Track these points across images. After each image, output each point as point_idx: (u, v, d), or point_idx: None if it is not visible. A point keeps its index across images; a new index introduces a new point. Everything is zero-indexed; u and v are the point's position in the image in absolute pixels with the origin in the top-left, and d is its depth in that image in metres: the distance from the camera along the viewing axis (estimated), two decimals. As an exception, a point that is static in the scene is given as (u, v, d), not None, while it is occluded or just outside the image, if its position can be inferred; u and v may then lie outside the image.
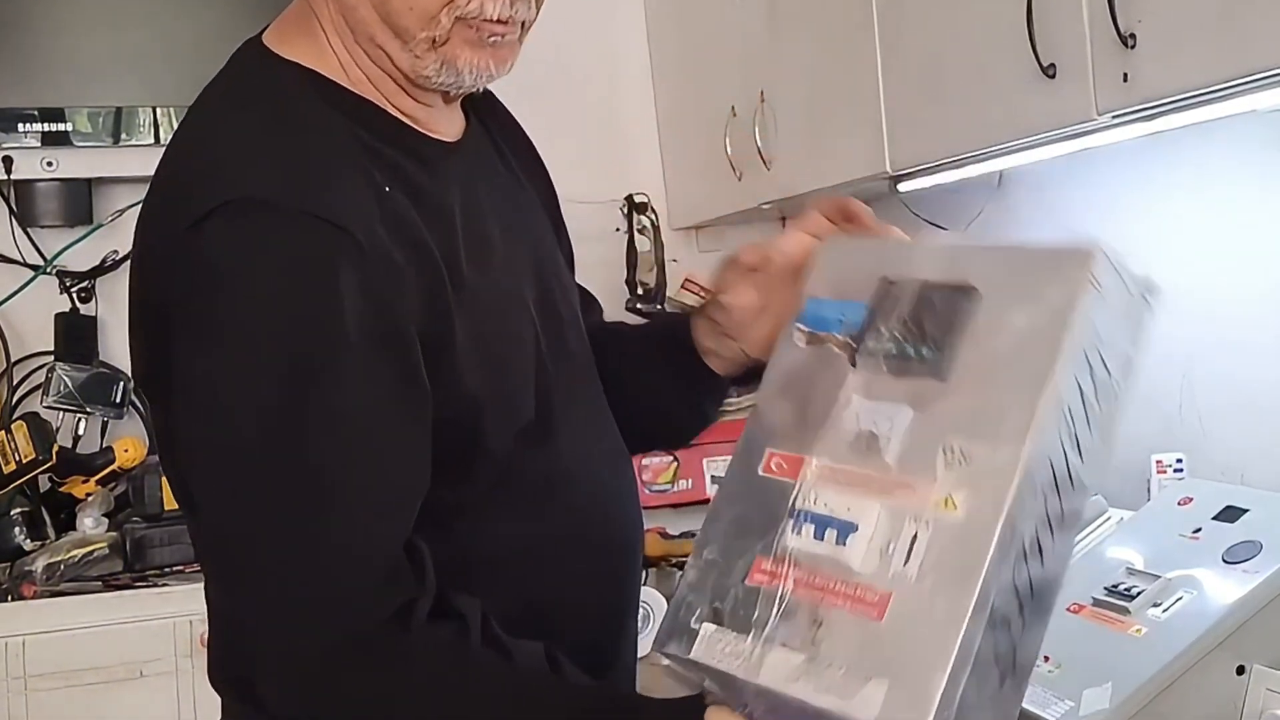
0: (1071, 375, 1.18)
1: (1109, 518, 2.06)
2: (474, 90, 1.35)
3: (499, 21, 1.28)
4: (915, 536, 1.15)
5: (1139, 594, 1.67)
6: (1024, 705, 1.63)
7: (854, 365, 1.27)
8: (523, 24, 1.32)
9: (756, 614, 1.19)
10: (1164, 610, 1.63)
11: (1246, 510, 1.75)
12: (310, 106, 1.29)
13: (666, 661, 1.23)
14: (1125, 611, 1.66)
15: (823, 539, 1.19)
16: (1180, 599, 1.63)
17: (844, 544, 1.18)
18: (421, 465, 1.24)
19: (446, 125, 1.39)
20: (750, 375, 1.45)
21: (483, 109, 1.48)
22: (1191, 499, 1.86)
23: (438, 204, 1.31)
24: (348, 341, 1.18)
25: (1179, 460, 2.23)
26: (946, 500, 1.15)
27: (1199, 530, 1.76)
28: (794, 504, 1.22)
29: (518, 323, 1.36)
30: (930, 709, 1.09)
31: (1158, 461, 2.23)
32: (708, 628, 1.21)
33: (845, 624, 1.15)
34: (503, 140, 1.51)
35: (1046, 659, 1.67)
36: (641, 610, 2.48)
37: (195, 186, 1.22)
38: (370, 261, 1.20)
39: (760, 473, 1.26)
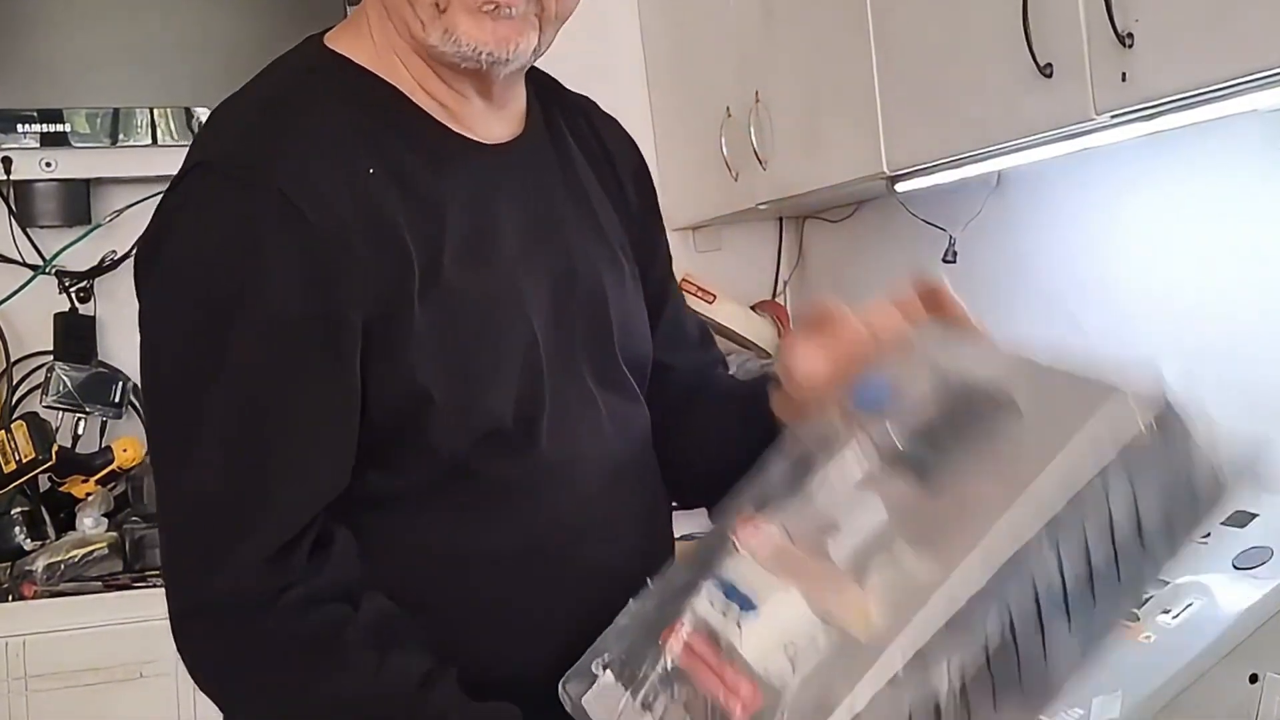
0: (1073, 512, 1.03)
1: (1113, 520, 2.05)
2: (478, 67, 1.28)
3: None
4: (816, 640, 1.05)
5: (1148, 600, 1.66)
6: (1033, 711, 1.65)
7: (858, 446, 1.18)
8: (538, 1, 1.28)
9: (643, 673, 1.13)
10: (1174, 617, 1.62)
11: (1256, 515, 1.74)
12: (312, 90, 1.30)
13: (567, 701, 1.19)
14: (1134, 618, 1.65)
15: (724, 612, 1.11)
16: (1190, 605, 1.62)
17: (739, 624, 1.10)
18: (331, 450, 1.24)
19: (486, 124, 1.36)
20: None
21: (571, 120, 1.48)
22: (1198, 503, 1.85)
23: (431, 198, 1.28)
24: (268, 307, 1.20)
25: (1183, 462, 2.22)
26: (864, 614, 1.04)
27: (1208, 535, 1.75)
28: (722, 567, 1.15)
29: (505, 328, 1.32)
30: None
31: (1162, 463, 2.23)
32: (606, 677, 1.17)
33: (707, 711, 1.07)
34: (591, 154, 1.48)
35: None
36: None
37: (189, 151, 1.28)
38: (315, 238, 1.20)
39: (729, 533, 1.19)
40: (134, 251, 1.35)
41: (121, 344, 3.22)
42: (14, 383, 3.23)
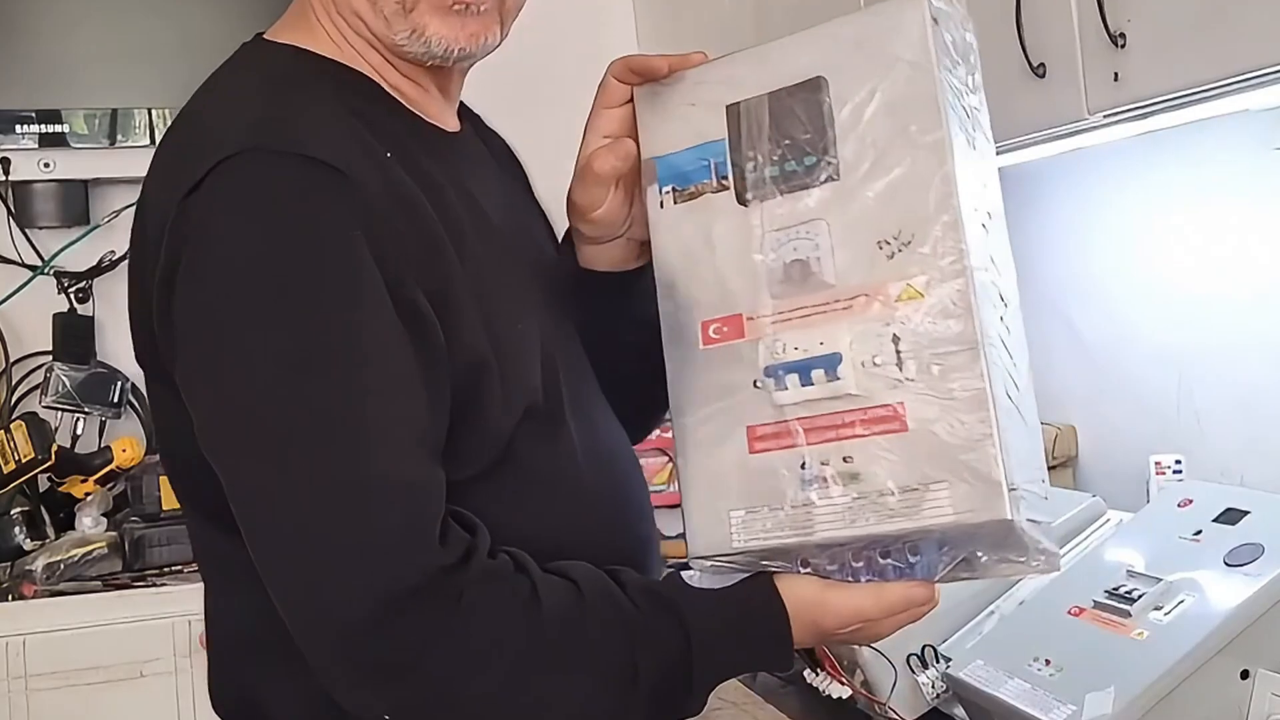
0: (951, 110, 1.17)
1: (1108, 520, 2.05)
2: (445, 64, 1.31)
3: None
4: (896, 338, 1.13)
5: (1140, 597, 1.66)
6: (1026, 709, 1.66)
7: (744, 202, 1.23)
8: None
9: (780, 482, 1.17)
10: (1166, 614, 1.62)
11: (1248, 512, 1.74)
12: (300, 76, 1.28)
13: (709, 565, 1.21)
14: (1126, 615, 1.65)
15: (812, 382, 1.16)
16: (1182, 602, 1.62)
17: (837, 377, 1.15)
18: (442, 414, 1.17)
19: (440, 113, 1.37)
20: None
21: (472, 118, 1.48)
22: (1191, 501, 1.85)
23: (436, 181, 1.26)
24: (357, 282, 1.13)
25: (1178, 462, 2.22)
26: (907, 290, 1.14)
27: (1199, 533, 1.75)
28: (762, 362, 1.20)
29: (523, 300, 1.31)
30: (1001, 484, 1.09)
31: (1156, 463, 2.23)
32: (736, 515, 1.19)
33: (875, 449, 1.13)
34: (499, 150, 1.52)
35: (1048, 662, 1.68)
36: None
37: (188, 157, 1.17)
38: (371, 205, 1.15)
39: (702, 346, 1.23)
40: (151, 270, 1.19)
41: (120, 344, 3.21)
42: (13, 383, 3.23)
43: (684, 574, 1.23)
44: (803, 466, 1.16)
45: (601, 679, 1.15)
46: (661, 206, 1.28)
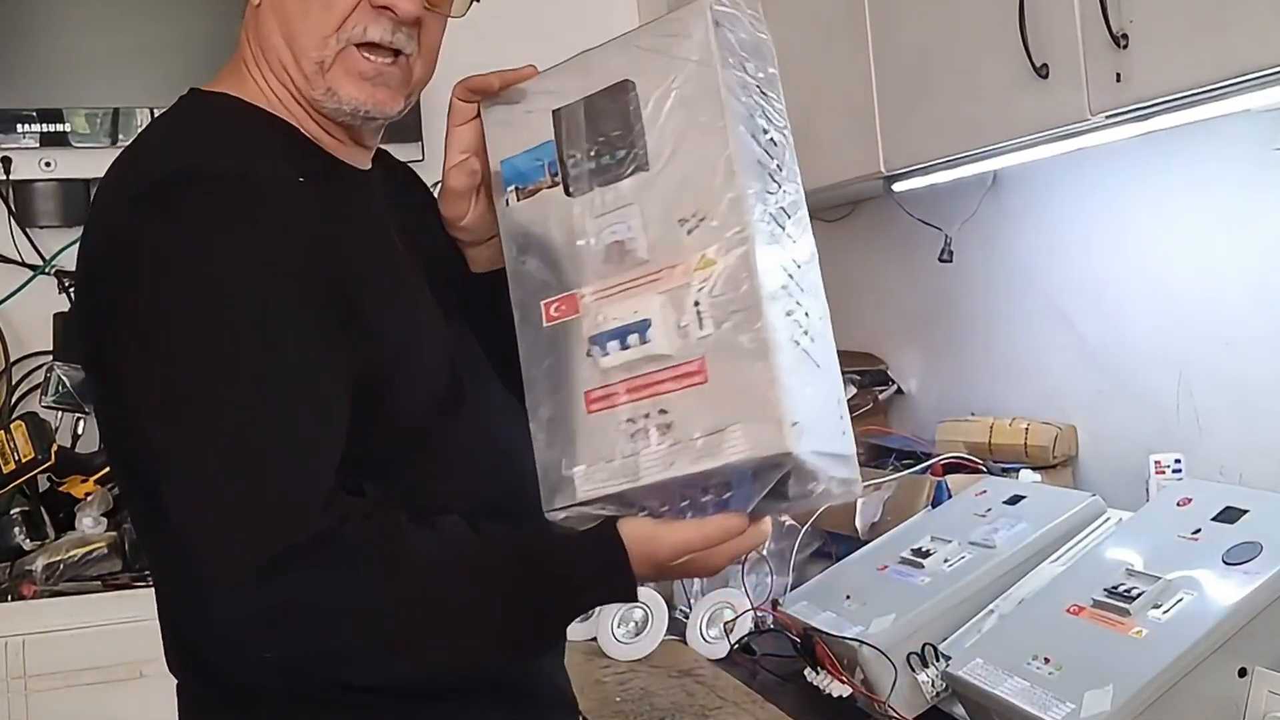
0: (736, 100, 1.33)
1: (1108, 518, 2.06)
2: (354, 123, 1.50)
3: (380, 46, 1.44)
4: (696, 302, 1.30)
5: (1139, 595, 1.66)
6: (1025, 707, 1.67)
7: (570, 194, 1.41)
8: (407, 62, 1.48)
9: (609, 436, 1.34)
10: (1164, 612, 1.62)
11: (1246, 511, 1.74)
12: (229, 114, 1.47)
13: (562, 516, 1.36)
14: (1125, 613, 1.65)
15: (629, 346, 1.34)
16: (1181, 600, 1.62)
17: (649, 339, 1.32)
18: (340, 400, 1.34)
19: (354, 156, 1.55)
20: None
21: (387, 162, 1.68)
22: (1190, 500, 1.85)
23: (345, 208, 1.46)
24: (271, 285, 1.31)
25: (1177, 461, 2.22)
26: (703, 260, 1.30)
27: (1198, 531, 1.75)
28: (588, 333, 1.36)
29: (425, 304, 1.50)
30: (782, 422, 1.24)
31: (1156, 462, 2.23)
32: (578, 470, 1.35)
33: (684, 400, 1.29)
34: (403, 181, 1.71)
35: (1047, 660, 1.68)
36: (640, 610, 2.51)
37: (127, 179, 1.38)
38: (286, 223, 1.34)
39: (545, 324, 1.40)
40: (94, 282, 1.40)
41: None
42: (14, 383, 3.24)
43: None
44: (628, 421, 1.33)
45: (463, 621, 1.32)
46: (508, 205, 1.47)
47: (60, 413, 3.10)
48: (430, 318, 1.50)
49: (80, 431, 3.16)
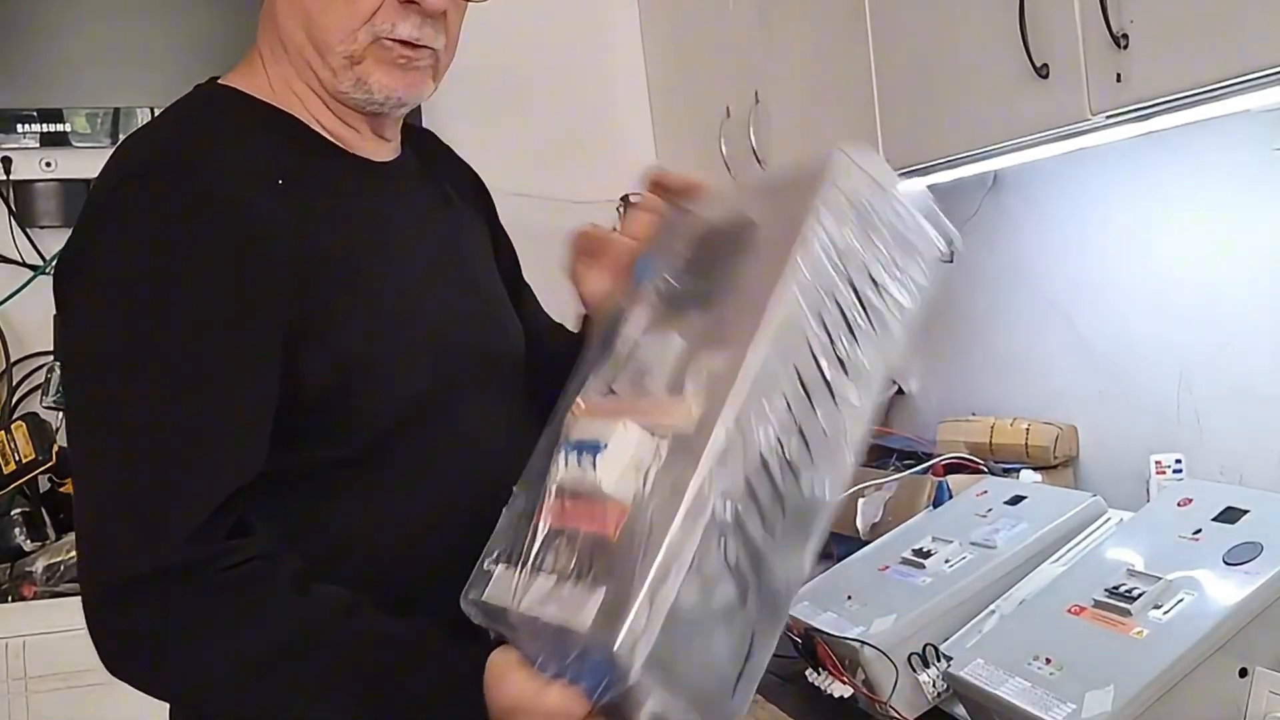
0: (812, 283, 1.20)
1: (1109, 519, 2.06)
2: (382, 111, 1.49)
3: (410, 44, 1.44)
4: (658, 452, 1.17)
5: (1140, 595, 1.66)
6: (1026, 708, 1.67)
7: (643, 303, 1.38)
8: (435, 53, 1.48)
9: (525, 546, 1.24)
10: (1165, 612, 1.62)
11: (1247, 511, 1.74)
12: (221, 116, 1.46)
13: (470, 608, 1.28)
14: (1126, 613, 1.65)
15: (579, 464, 1.24)
16: (1181, 600, 1.62)
17: (594, 465, 1.22)
18: (248, 431, 1.32)
19: (372, 149, 1.53)
20: None
21: (424, 150, 1.66)
22: (1191, 500, 1.85)
23: (341, 204, 1.45)
24: (192, 299, 1.30)
25: (1178, 461, 2.22)
26: (687, 413, 1.18)
27: (1199, 531, 1.75)
28: (565, 437, 1.29)
29: (420, 311, 1.48)
30: (626, 615, 1.09)
31: (1157, 462, 2.23)
32: (499, 568, 1.26)
33: (587, 543, 1.17)
34: (443, 175, 1.67)
35: (1048, 661, 1.68)
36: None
37: (103, 177, 1.38)
38: (238, 235, 1.32)
39: (566, 414, 1.33)
40: (56, 261, 1.42)
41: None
42: (14, 383, 3.24)
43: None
44: (541, 540, 1.23)
45: (292, 694, 1.28)
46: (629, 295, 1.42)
47: (60, 413, 3.08)
48: (424, 316, 1.48)
49: (80, 432, 3.16)
